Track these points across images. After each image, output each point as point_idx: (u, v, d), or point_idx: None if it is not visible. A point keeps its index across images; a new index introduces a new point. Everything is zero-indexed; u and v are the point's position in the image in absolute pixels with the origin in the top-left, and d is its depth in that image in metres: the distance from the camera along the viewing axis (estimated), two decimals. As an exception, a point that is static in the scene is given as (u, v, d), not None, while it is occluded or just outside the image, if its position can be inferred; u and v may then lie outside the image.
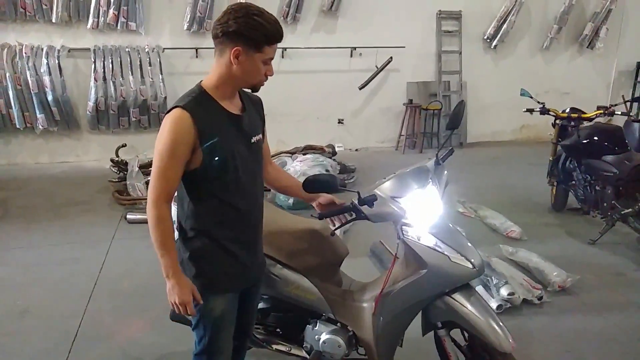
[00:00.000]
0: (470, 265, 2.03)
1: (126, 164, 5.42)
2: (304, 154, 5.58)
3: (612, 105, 4.58)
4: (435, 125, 7.89)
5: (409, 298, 2.11)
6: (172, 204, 1.75)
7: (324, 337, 2.30)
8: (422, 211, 2.06)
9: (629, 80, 8.90)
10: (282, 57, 7.21)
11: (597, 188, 4.33)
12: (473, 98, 8.17)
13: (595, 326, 3.13)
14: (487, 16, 7.95)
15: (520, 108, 8.52)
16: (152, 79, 6.64)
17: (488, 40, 8.06)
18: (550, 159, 5.05)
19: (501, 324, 2.00)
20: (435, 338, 2.33)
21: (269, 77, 1.78)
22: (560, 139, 4.85)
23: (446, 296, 2.08)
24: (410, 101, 7.69)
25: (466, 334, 2.23)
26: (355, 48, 7.47)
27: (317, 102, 7.58)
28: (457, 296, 2.07)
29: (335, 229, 2.14)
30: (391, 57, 7.50)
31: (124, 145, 5.60)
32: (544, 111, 4.86)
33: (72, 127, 6.82)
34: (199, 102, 1.70)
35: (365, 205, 2.05)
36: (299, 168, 5.05)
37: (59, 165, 6.85)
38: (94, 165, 6.72)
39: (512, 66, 8.28)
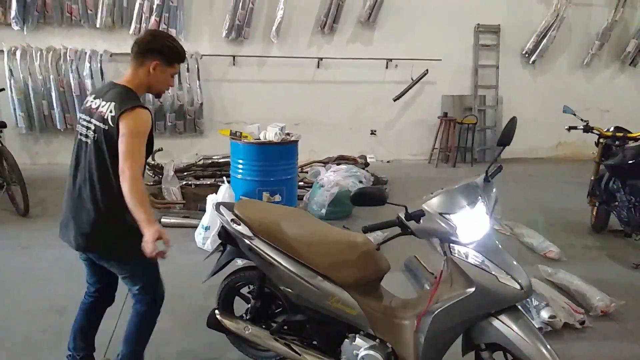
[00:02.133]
0: (518, 287, 1.97)
1: (162, 167, 5.49)
2: (337, 164, 5.55)
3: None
4: (469, 139, 7.78)
5: (453, 317, 2.05)
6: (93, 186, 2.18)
7: (362, 352, 2.25)
8: (470, 229, 2.01)
9: (672, 98, 8.63)
10: (318, 67, 7.24)
11: (642, 209, 4.18)
12: (509, 113, 8.00)
13: (642, 355, 3.00)
14: (527, 30, 7.83)
15: (557, 125, 8.36)
16: (189, 84, 6.74)
17: (527, 55, 7.94)
18: (592, 178, 4.89)
19: (550, 348, 1.93)
20: (476, 359, 2.27)
21: (170, 87, 2.42)
22: (603, 159, 4.70)
23: (492, 317, 2.02)
24: (445, 114, 7.61)
25: (509, 357, 2.16)
26: (391, 59, 7.46)
27: (350, 113, 7.57)
28: (504, 318, 2.01)
29: (381, 244, 2.11)
30: (427, 70, 7.45)
31: (160, 150, 5.67)
32: (588, 129, 4.73)
33: (110, 129, 6.95)
34: None
35: (412, 221, 2.02)
36: (332, 178, 5.02)
37: (96, 166, 6.98)
38: (129, 168, 6.82)
39: (550, 82, 8.14)
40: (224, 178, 4.53)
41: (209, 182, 5.32)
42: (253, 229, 2.39)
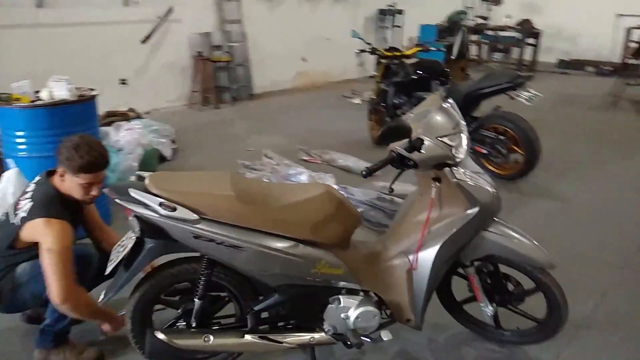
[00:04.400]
0: (493, 191, 2.02)
1: None
2: (109, 123, 4.58)
3: (426, 42, 5.09)
4: (224, 78, 7.51)
5: (457, 242, 2.00)
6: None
7: (355, 312, 2.01)
8: (461, 148, 1.93)
9: (372, 24, 10.06)
10: (40, 6, 5.69)
11: (428, 118, 4.81)
12: (256, 48, 8.03)
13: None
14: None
15: (294, 56, 8.83)
16: None
17: (263, -13, 7.94)
18: (374, 97, 5.36)
19: (538, 244, 2.07)
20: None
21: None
22: (384, 78, 5.17)
23: (483, 231, 2.04)
24: (200, 54, 7.09)
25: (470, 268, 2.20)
26: (129, -5, 6.41)
27: (93, 61, 6.29)
28: (494, 228, 2.05)
29: (392, 183, 1.85)
30: (172, 6, 6.70)
31: None
32: (373, 51, 5.10)
33: None
34: None
35: (414, 152, 1.81)
36: (129, 138, 4.15)
37: None
38: None
39: (284, 15, 8.40)
40: (8, 161, 3.18)
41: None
42: (198, 210, 1.77)
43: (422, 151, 1.83)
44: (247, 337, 1.97)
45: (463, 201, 1.95)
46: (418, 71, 4.80)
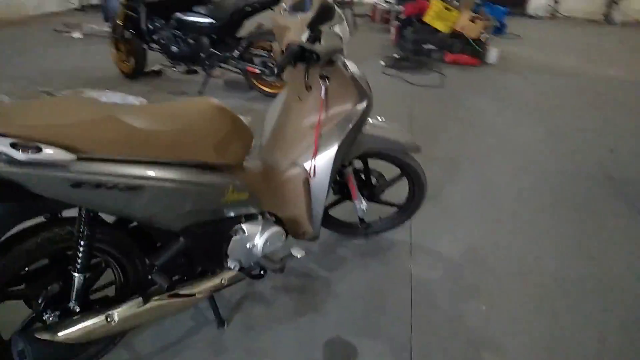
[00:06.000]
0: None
1: None
2: None
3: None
4: None
5: (352, 139, 1.93)
6: None
7: (262, 238, 1.79)
8: (346, 39, 1.84)
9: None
10: None
11: (191, 41, 4.43)
12: None
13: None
14: None
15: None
16: None
17: None
18: (119, 24, 4.61)
19: (402, 127, 2.19)
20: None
21: None
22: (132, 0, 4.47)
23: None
24: None
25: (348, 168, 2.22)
26: None
27: None
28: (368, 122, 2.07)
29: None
30: None
31: None
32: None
33: None
34: None
35: (317, 42, 1.65)
36: None
37: None
38: None
39: None
40: None
41: None
42: (73, 147, 1.25)
43: (321, 42, 1.66)
44: (155, 301, 1.56)
45: (354, 96, 1.88)
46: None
